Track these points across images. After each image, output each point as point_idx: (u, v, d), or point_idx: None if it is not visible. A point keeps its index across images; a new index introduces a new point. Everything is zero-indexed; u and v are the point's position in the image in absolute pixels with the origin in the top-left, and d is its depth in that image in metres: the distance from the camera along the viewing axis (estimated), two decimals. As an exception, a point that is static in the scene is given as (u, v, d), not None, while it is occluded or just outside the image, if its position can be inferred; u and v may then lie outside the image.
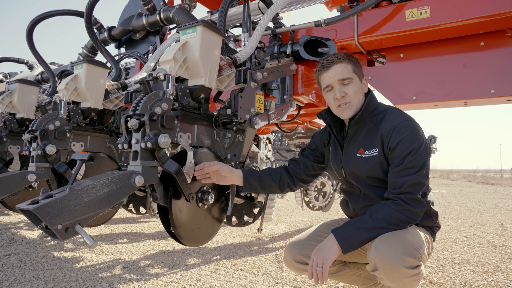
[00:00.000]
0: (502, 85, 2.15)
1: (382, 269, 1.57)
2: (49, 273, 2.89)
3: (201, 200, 1.89)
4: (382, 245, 1.58)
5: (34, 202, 1.40)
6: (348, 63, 1.84)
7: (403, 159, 1.67)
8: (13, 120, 3.10)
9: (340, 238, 1.64)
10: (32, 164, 2.39)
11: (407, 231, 1.65)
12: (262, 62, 2.44)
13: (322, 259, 1.63)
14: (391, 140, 1.71)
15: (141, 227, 5.01)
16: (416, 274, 1.57)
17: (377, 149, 1.77)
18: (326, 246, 1.66)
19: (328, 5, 3.72)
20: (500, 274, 3.07)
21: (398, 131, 1.71)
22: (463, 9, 2.09)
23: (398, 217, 1.62)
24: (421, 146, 1.69)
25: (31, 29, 3.11)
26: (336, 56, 1.86)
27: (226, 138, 2.13)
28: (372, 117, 1.84)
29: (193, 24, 1.84)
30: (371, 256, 1.60)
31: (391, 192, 1.67)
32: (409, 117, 1.79)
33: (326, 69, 1.86)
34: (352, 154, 1.87)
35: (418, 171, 1.65)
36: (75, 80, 2.53)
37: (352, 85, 1.83)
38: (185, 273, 2.99)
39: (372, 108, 1.86)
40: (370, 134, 1.82)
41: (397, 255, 1.53)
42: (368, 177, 1.81)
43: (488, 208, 8.11)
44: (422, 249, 1.62)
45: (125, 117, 1.66)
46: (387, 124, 1.76)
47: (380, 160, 1.76)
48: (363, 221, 1.67)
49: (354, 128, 1.87)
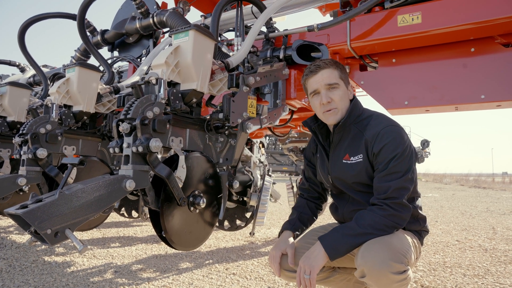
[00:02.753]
0: (492, 90, 2.18)
1: (370, 276, 1.57)
2: (39, 278, 2.86)
3: (192, 204, 1.88)
4: (368, 252, 1.58)
5: (23, 206, 1.39)
6: (335, 69, 1.84)
7: (387, 164, 1.67)
8: (4, 123, 3.07)
9: (327, 245, 1.65)
10: (23, 168, 2.37)
11: (393, 236, 1.65)
12: (254, 66, 2.45)
13: (310, 267, 1.63)
14: (375, 146, 1.72)
15: (133, 231, 4.98)
16: (404, 279, 1.57)
17: (362, 155, 1.78)
18: (313, 254, 1.66)
19: (321, 10, 3.74)
20: (490, 277, 3.09)
21: (381, 136, 1.72)
22: (454, 15, 2.12)
23: (384, 223, 1.63)
24: (405, 151, 1.69)
25: (23, 31, 3.09)
26: (323, 62, 1.87)
27: (218, 143, 2.13)
28: (357, 123, 1.85)
29: (186, 28, 1.84)
30: (358, 263, 1.60)
31: (376, 198, 1.68)
32: (394, 123, 1.79)
33: (313, 74, 1.86)
34: (338, 160, 1.88)
35: (403, 175, 1.66)
36: (67, 83, 2.51)
37: (338, 91, 1.83)
38: (177, 277, 2.97)
39: (356, 114, 1.86)
40: (355, 140, 1.83)
41: (383, 261, 1.54)
42: (354, 182, 1.82)
43: (480, 211, 8.18)
44: (409, 254, 1.62)
45: (116, 121, 1.65)
46: (371, 130, 1.77)
47: (365, 166, 1.77)
48: (350, 227, 1.67)
49: (339, 134, 1.88)
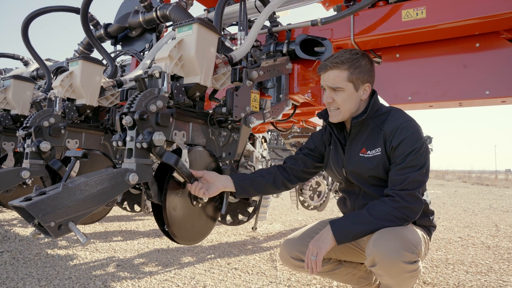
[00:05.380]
0: (497, 86, 2.16)
1: (381, 264, 1.59)
2: (42, 271, 2.88)
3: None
4: (381, 240, 1.60)
5: (27, 199, 1.39)
6: (344, 70, 1.80)
7: (405, 158, 1.70)
8: (8, 116, 3.08)
9: (335, 229, 1.68)
10: (26, 161, 2.37)
11: (405, 228, 1.68)
12: (258, 60, 2.44)
13: (317, 249, 1.68)
14: (393, 140, 1.74)
15: (135, 225, 5.00)
16: (415, 269, 1.59)
17: (380, 148, 1.80)
18: (321, 237, 1.71)
19: (325, 4, 3.71)
20: (493, 275, 3.09)
21: (401, 130, 1.74)
22: (458, 10, 2.10)
23: (394, 214, 1.65)
24: (422, 146, 1.72)
25: (27, 25, 3.09)
26: (334, 61, 1.82)
27: (221, 137, 2.12)
28: (375, 118, 1.87)
29: (189, 22, 1.83)
30: (370, 251, 1.62)
31: (391, 189, 1.70)
32: (411, 118, 1.82)
33: (322, 72, 1.88)
34: (354, 154, 1.89)
35: (419, 169, 1.69)
36: (71, 76, 2.51)
37: (342, 94, 1.83)
38: (179, 272, 2.99)
39: (375, 109, 1.88)
40: (373, 135, 1.84)
41: (396, 250, 1.56)
42: (370, 176, 1.84)
43: (483, 208, 8.16)
44: (420, 246, 1.65)
45: (120, 115, 1.65)
46: (390, 124, 1.79)
47: (382, 160, 1.79)
48: (360, 215, 1.71)
49: (357, 128, 1.89)
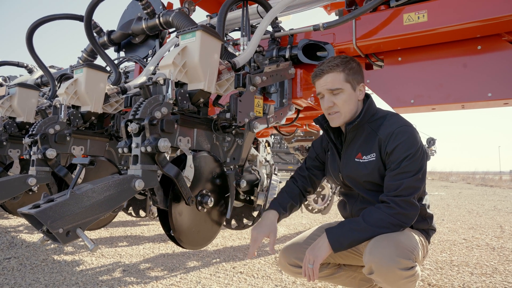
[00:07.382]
0: (499, 88, 2.17)
1: (378, 272, 1.59)
2: (49, 277, 2.90)
3: (200, 204, 1.89)
4: (376, 248, 1.60)
5: (36, 206, 1.41)
6: (340, 72, 1.82)
7: (399, 163, 1.69)
8: (13, 124, 3.11)
9: (331, 237, 1.68)
10: (33, 168, 2.40)
11: (401, 233, 1.67)
12: (261, 66, 2.46)
13: (314, 257, 1.68)
14: (388, 145, 1.73)
15: (140, 230, 5.01)
16: (412, 275, 1.58)
17: (375, 154, 1.79)
18: (317, 245, 1.71)
19: (326, 9, 3.74)
20: (498, 276, 3.08)
21: (395, 136, 1.73)
22: (460, 13, 2.11)
23: (389, 221, 1.64)
24: (417, 151, 1.71)
25: (31, 33, 3.13)
26: (328, 65, 1.84)
27: (226, 142, 2.14)
28: (370, 123, 1.86)
29: (193, 29, 1.85)
30: (367, 259, 1.62)
31: (385, 195, 1.69)
32: (407, 123, 1.80)
33: (318, 78, 1.88)
34: (350, 159, 1.89)
35: (414, 175, 1.67)
36: (75, 84, 2.54)
37: (341, 95, 1.83)
38: (184, 276, 3.00)
39: (371, 114, 1.87)
40: (368, 139, 1.83)
41: (391, 258, 1.55)
42: (365, 181, 1.83)
43: (487, 210, 8.13)
44: (416, 251, 1.64)
45: (125, 122, 1.67)
46: (385, 130, 1.78)
47: (377, 165, 1.78)
48: (356, 222, 1.70)
49: (352, 133, 1.88)
